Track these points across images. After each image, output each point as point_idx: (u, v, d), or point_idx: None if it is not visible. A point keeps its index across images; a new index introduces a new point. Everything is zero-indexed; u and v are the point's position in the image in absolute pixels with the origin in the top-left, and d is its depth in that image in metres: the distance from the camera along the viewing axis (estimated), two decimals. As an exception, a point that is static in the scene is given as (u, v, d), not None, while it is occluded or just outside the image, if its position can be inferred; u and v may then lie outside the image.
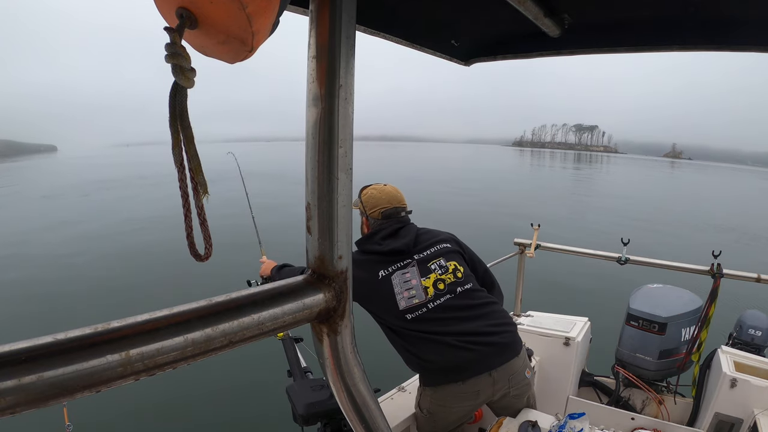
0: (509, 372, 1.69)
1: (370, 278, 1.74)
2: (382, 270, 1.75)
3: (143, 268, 9.34)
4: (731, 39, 1.04)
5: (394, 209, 1.88)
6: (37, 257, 10.44)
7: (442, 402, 1.68)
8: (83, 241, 12.04)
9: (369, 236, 1.87)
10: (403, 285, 1.72)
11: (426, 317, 1.67)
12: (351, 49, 0.49)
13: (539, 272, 6.14)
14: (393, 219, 1.87)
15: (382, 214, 1.87)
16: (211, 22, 0.43)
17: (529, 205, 18.96)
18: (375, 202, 1.88)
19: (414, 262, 1.78)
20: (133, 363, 0.35)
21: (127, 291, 7.72)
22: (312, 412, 1.61)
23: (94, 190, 24.76)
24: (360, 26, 0.95)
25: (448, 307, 1.69)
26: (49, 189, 26.77)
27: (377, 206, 1.88)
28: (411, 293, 1.71)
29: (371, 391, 0.59)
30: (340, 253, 0.51)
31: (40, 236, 12.70)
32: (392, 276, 1.74)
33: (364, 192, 1.94)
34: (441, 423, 1.73)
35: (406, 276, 1.74)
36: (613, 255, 2.75)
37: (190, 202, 0.46)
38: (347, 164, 0.50)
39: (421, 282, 1.73)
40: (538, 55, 1.30)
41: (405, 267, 1.76)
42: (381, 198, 1.89)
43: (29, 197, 23.68)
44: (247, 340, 0.43)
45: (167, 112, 0.43)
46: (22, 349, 0.31)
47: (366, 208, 1.90)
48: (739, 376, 2.22)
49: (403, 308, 1.69)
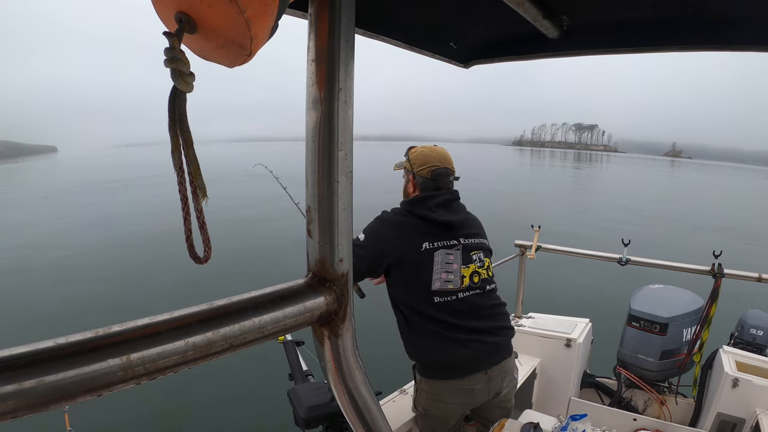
0: (503, 371, 1.71)
1: (410, 245, 1.64)
2: (428, 242, 1.65)
3: (144, 271, 9.34)
4: (731, 39, 1.04)
5: (444, 169, 1.76)
6: (37, 258, 10.43)
7: (437, 396, 1.67)
8: (83, 241, 12.06)
9: (421, 199, 1.72)
10: (445, 266, 1.64)
11: (451, 306, 1.63)
12: (350, 52, 0.49)
13: (540, 274, 6.14)
14: (443, 187, 1.76)
15: (432, 173, 1.74)
16: (209, 26, 0.43)
17: (529, 205, 18.97)
18: (425, 159, 1.76)
19: (459, 245, 1.69)
20: (134, 367, 0.35)
21: (128, 294, 7.72)
22: (314, 416, 1.61)
23: (95, 191, 24.80)
24: (359, 29, 0.95)
25: (472, 303, 1.67)
26: (49, 190, 26.81)
27: (427, 163, 1.75)
28: (449, 276, 1.64)
29: (373, 393, 0.59)
30: (340, 256, 0.51)
31: (40, 237, 12.70)
32: (436, 252, 1.64)
33: (412, 150, 1.83)
34: (438, 421, 1.72)
35: (450, 257, 1.65)
36: (614, 256, 2.75)
37: (189, 206, 0.46)
38: (347, 167, 0.50)
39: (460, 268, 1.67)
40: (537, 57, 1.30)
41: (450, 248, 1.67)
42: (432, 156, 1.77)
43: (30, 198, 23.70)
44: (249, 344, 0.43)
45: (166, 115, 0.43)
46: (23, 354, 0.31)
47: (414, 165, 1.77)
48: (741, 376, 2.22)
49: (436, 289, 1.62)
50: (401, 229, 1.67)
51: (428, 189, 1.74)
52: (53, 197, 22.83)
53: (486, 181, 30.67)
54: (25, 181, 39.45)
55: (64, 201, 21.35)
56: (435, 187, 1.74)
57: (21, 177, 47.48)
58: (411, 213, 1.69)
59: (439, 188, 1.75)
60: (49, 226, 14.53)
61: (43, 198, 22.84)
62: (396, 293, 1.69)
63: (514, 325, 2.74)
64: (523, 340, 2.65)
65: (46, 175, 48.44)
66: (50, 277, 9.10)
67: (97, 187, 26.64)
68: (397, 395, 2.08)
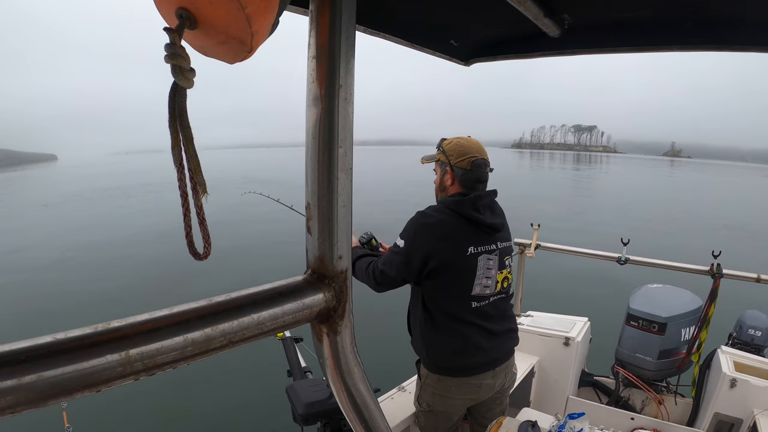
0: (507, 368, 1.75)
1: (457, 249, 1.57)
2: (473, 246, 1.58)
3: (145, 275, 9.34)
4: (731, 39, 1.04)
5: (483, 160, 1.66)
6: (38, 267, 10.42)
7: (444, 392, 1.67)
8: (84, 249, 12.04)
9: (469, 199, 1.60)
10: (486, 271, 1.61)
11: (483, 310, 1.63)
12: (351, 50, 0.49)
13: (539, 272, 6.14)
14: (483, 179, 1.67)
15: (472, 164, 1.64)
16: (210, 22, 0.43)
17: (529, 205, 18.97)
18: (463, 150, 1.65)
19: (497, 250, 1.65)
20: (132, 363, 0.35)
21: (129, 298, 7.72)
22: (312, 412, 1.62)
23: (96, 198, 24.79)
24: (360, 26, 0.95)
25: (498, 306, 1.68)
26: (49, 198, 26.77)
27: (467, 154, 1.64)
28: (488, 282, 1.61)
29: (371, 390, 0.59)
30: (340, 253, 0.51)
31: (41, 246, 12.68)
32: (480, 257, 1.59)
33: (446, 141, 1.71)
34: (441, 417, 1.72)
35: (490, 263, 1.62)
36: (613, 255, 2.75)
37: (189, 202, 0.46)
38: (347, 164, 0.50)
39: (497, 274, 1.64)
40: (538, 56, 1.30)
41: (491, 252, 1.63)
42: (470, 146, 1.66)
43: (29, 207, 23.68)
44: (247, 340, 0.43)
45: (166, 116, 0.43)
46: (22, 349, 0.31)
47: (451, 156, 1.66)
48: (738, 376, 2.23)
49: (475, 294, 1.59)
50: (447, 230, 1.58)
51: (469, 182, 1.65)
52: (53, 205, 22.81)
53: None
54: (24, 190, 39.41)
55: (65, 209, 21.33)
56: (476, 179, 1.65)
57: (20, 185, 47.41)
58: (457, 213, 1.60)
59: (480, 180, 1.67)
60: (48, 233, 14.51)
61: (44, 206, 22.82)
62: (429, 295, 1.63)
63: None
64: (522, 339, 2.64)
65: (46, 183, 48.38)
66: (48, 279, 9.11)
67: (98, 195, 26.61)
68: (395, 392, 2.09)
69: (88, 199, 24.44)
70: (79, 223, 16.32)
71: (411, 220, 1.62)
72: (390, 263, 1.60)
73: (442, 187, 1.71)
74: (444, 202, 1.64)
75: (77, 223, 16.33)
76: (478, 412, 1.80)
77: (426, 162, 1.79)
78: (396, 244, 1.61)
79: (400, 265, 1.57)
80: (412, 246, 1.57)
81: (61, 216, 19.09)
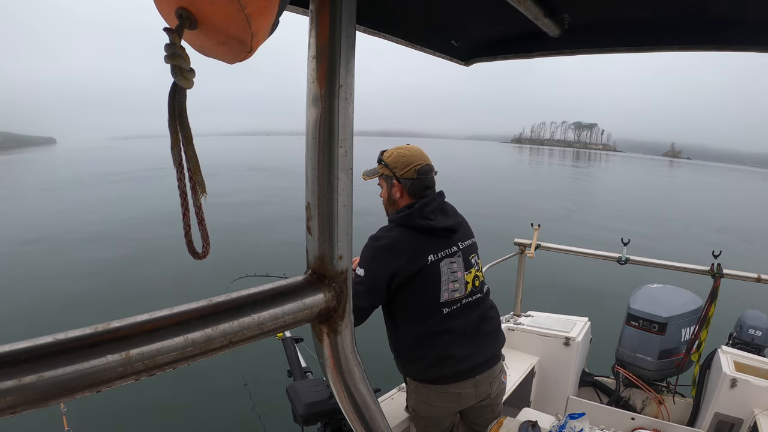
0: (491, 376, 1.70)
1: (415, 261, 1.54)
2: (432, 254, 1.56)
3: (146, 263, 9.35)
4: (731, 39, 1.04)
5: (428, 166, 1.65)
6: (37, 252, 10.44)
7: (425, 399, 1.67)
8: (82, 232, 12.06)
9: (416, 210, 1.58)
10: (450, 275, 1.58)
11: (457, 313, 1.60)
12: (351, 49, 0.49)
13: (539, 272, 6.14)
14: (430, 185, 1.65)
15: (418, 172, 1.62)
16: (210, 22, 0.43)
17: (529, 204, 18.98)
18: (407, 161, 1.63)
19: (459, 251, 1.62)
20: (133, 363, 0.35)
21: (130, 288, 7.73)
22: (312, 412, 1.62)
23: (96, 183, 24.80)
24: (360, 26, 0.95)
25: (473, 307, 1.65)
26: (48, 181, 26.77)
27: (411, 164, 1.62)
28: (455, 285, 1.59)
29: (371, 390, 0.59)
30: (340, 253, 0.51)
31: (40, 228, 12.70)
32: (441, 262, 1.57)
33: (386, 154, 1.67)
34: (429, 422, 1.72)
35: (453, 266, 1.60)
36: (613, 255, 2.75)
37: (188, 201, 0.46)
38: (347, 164, 0.50)
39: (464, 275, 1.61)
40: (538, 55, 1.30)
41: (452, 255, 1.60)
42: (412, 155, 1.64)
43: (30, 189, 23.69)
44: (247, 340, 0.43)
45: (166, 109, 0.43)
46: (22, 349, 0.31)
47: (396, 168, 1.63)
48: (739, 376, 2.22)
49: (444, 300, 1.57)
50: (402, 247, 1.56)
51: (418, 190, 1.63)
52: (53, 189, 22.81)
53: (485, 178, 30.64)
54: (24, 172, 39.39)
55: (65, 192, 21.34)
56: (424, 186, 1.64)
57: (20, 168, 47.38)
58: (408, 227, 1.58)
59: (428, 186, 1.65)
60: (49, 217, 14.53)
61: (44, 190, 22.83)
62: (398, 308, 1.61)
63: (514, 323, 2.75)
64: (522, 339, 2.66)
65: (46, 166, 48.37)
66: (50, 269, 9.10)
67: (98, 179, 26.62)
68: (395, 393, 2.09)
69: (87, 184, 24.46)
70: (80, 209, 16.30)
71: (365, 246, 1.59)
72: (357, 296, 1.54)
73: (391, 201, 1.68)
74: (393, 220, 1.62)
75: (78, 209, 16.31)
76: (469, 418, 1.79)
77: (368, 178, 1.72)
78: (356, 274, 1.56)
79: (366, 294, 1.55)
80: (372, 272, 1.54)
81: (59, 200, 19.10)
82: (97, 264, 9.37)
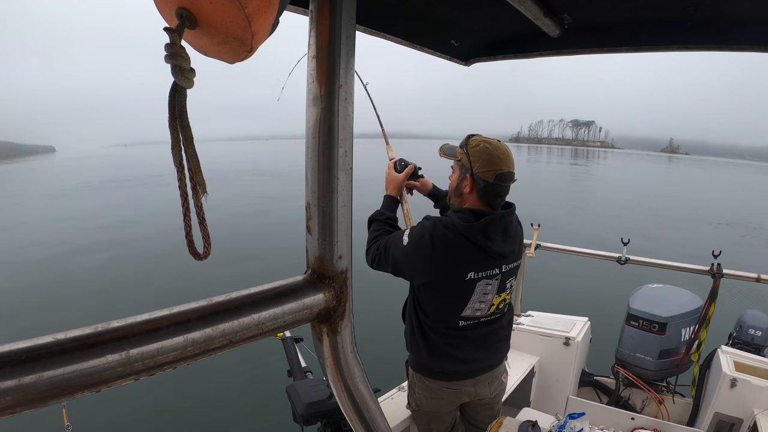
0: (491, 377, 1.71)
1: (454, 272, 1.46)
2: (473, 272, 1.47)
3: (148, 268, 9.35)
4: (731, 39, 1.04)
5: (509, 173, 1.48)
6: (37, 261, 10.43)
7: (427, 392, 1.67)
8: (83, 241, 12.06)
9: (479, 226, 1.45)
10: (481, 296, 1.52)
11: (471, 327, 1.58)
12: (351, 49, 0.49)
13: (539, 272, 6.14)
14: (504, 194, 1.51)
15: (496, 177, 1.46)
16: (210, 22, 0.43)
17: (529, 203, 18.97)
18: (491, 159, 1.46)
19: (499, 275, 1.53)
20: (133, 363, 0.35)
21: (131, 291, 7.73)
22: (312, 412, 1.62)
23: (96, 190, 24.83)
24: (360, 26, 0.95)
25: (487, 324, 1.62)
26: (49, 191, 26.79)
27: (494, 166, 1.45)
28: (480, 306, 1.53)
29: (371, 390, 0.59)
30: (340, 253, 0.51)
31: (41, 239, 12.69)
32: (478, 282, 1.49)
33: (473, 142, 1.50)
34: (432, 417, 1.72)
35: (488, 287, 1.52)
36: (613, 255, 2.75)
37: (189, 202, 0.46)
38: (347, 164, 0.50)
39: (493, 298, 1.55)
40: (538, 55, 1.30)
41: (491, 278, 1.51)
42: (498, 156, 1.46)
43: (30, 199, 23.71)
44: (247, 340, 0.43)
45: (166, 112, 0.43)
46: (22, 349, 0.31)
47: (475, 163, 1.47)
48: (739, 376, 2.22)
49: (465, 315, 1.53)
50: (451, 251, 1.45)
51: (489, 196, 1.49)
52: (55, 197, 22.84)
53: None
54: (24, 182, 39.45)
55: (66, 201, 21.36)
56: (496, 194, 1.49)
57: (20, 178, 47.42)
58: (466, 237, 1.45)
59: (500, 195, 1.51)
60: (50, 226, 14.52)
61: (50, 198, 22.84)
62: (422, 298, 1.57)
63: (513, 323, 2.75)
64: (522, 339, 2.66)
65: (45, 175, 48.39)
66: (51, 278, 9.10)
67: (98, 186, 26.66)
68: (395, 392, 2.09)
69: (89, 191, 24.51)
70: (81, 217, 16.30)
71: (422, 225, 1.51)
72: (392, 255, 1.52)
73: (458, 192, 1.55)
74: (455, 223, 1.47)
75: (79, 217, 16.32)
76: (468, 414, 1.80)
77: (444, 156, 1.62)
78: (402, 238, 1.50)
79: (397, 264, 1.52)
80: (411, 251, 1.48)
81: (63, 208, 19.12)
82: (98, 272, 9.37)
